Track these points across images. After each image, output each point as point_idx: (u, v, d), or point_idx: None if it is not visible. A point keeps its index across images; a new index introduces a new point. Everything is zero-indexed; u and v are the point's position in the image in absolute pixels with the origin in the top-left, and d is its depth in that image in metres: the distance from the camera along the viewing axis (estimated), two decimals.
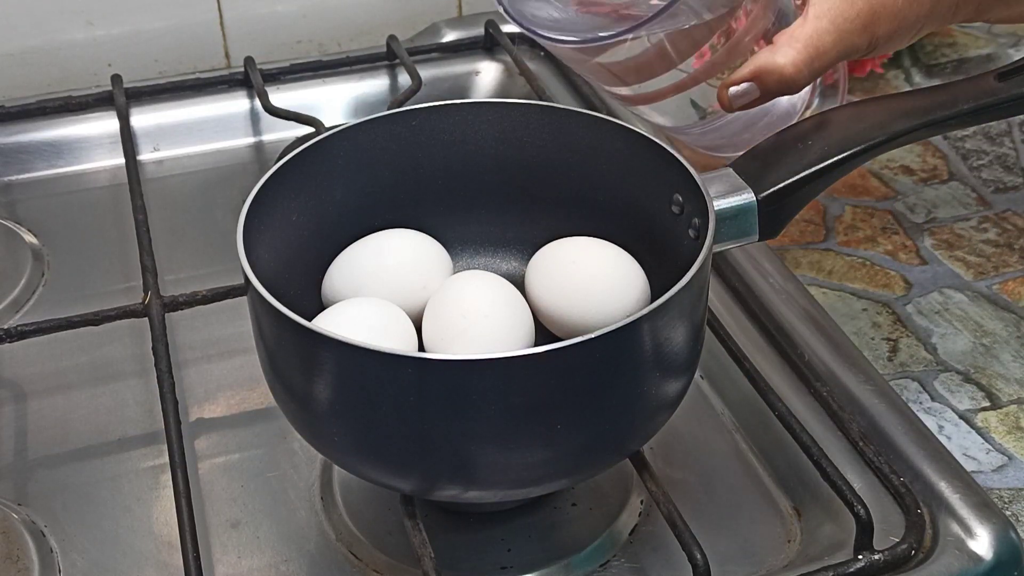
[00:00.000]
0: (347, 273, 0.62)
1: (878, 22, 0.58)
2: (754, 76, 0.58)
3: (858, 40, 0.58)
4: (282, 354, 0.54)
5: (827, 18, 0.57)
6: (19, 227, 0.83)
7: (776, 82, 0.58)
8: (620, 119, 0.63)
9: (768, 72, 0.57)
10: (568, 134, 0.63)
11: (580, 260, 0.61)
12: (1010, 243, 0.81)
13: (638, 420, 0.55)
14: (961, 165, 0.89)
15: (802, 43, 0.57)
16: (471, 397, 0.50)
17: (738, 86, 0.58)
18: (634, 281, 0.60)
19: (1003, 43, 1.03)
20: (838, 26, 0.57)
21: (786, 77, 0.57)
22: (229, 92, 0.92)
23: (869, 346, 0.73)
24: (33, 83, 0.94)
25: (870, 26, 0.58)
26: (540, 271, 0.61)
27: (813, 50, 0.57)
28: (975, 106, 0.62)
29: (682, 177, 0.58)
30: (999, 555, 0.55)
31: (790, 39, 0.57)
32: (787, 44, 0.57)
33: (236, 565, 0.60)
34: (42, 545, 0.60)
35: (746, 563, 0.59)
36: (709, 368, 0.68)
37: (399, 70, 0.94)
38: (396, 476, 0.54)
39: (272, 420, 0.66)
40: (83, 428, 0.67)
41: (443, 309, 0.59)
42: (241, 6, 0.97)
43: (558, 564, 0.59)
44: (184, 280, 0.76)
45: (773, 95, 0.59)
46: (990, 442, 0.67)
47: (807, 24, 0.57)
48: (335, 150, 0.62)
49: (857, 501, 0.56)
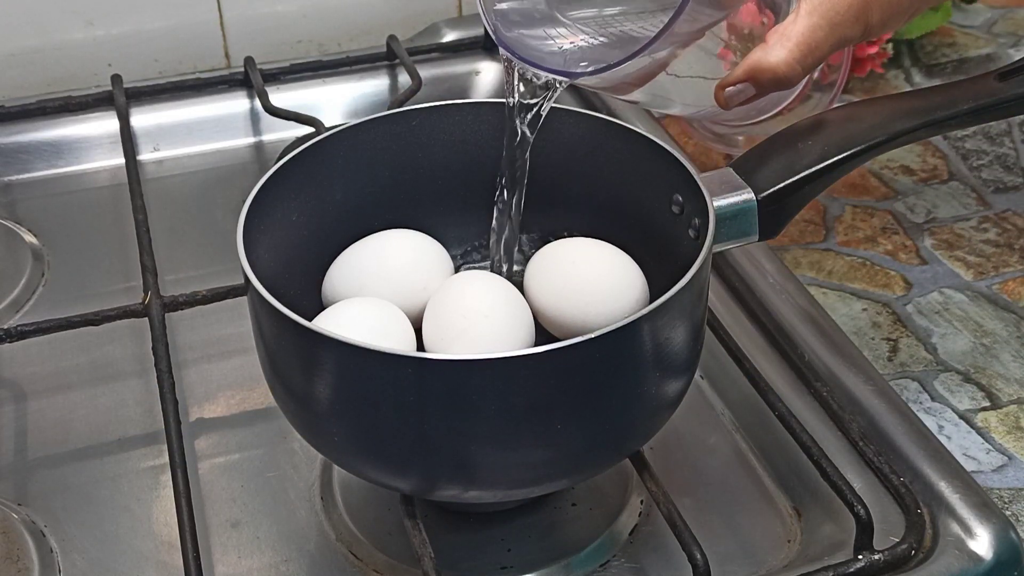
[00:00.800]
0: (347, 273, 0.62)
1: (870, 11, 0.58)
2: (748, 77, 0.58)
3: (851, 31, 0.58)
4: (282, 354, 0.54)
5: (818, 13, 0.57)
6: (19, 227, 0.83)
7: (770, 81, 0.58)
8: (620, 119, 0.63)
9: (761, 72, 0.57)
10: (568, 134, 0.63)
11: (578, 261, 0.61)
12: (1010, 243, 0.81)
13: (638, 420, 0.55)
14: (961, 165, 0.89)
15: (794, 41, 0.57)
16: (471, 397, 0.50)
17: (733, 86, 0.58)
18: (633, 282, 0.60)
19: (1003, 43, 1.03)
20: (830, 20, 0.57)
21: (779, 76, 0.57)
22: (229, 92, 0.92)
23: (869, 346, 0.73)
24: (33, 83, 0.94)
25: (863, 16, 0.57)
26: (539, 272, 0.61)
27: (805, 47, 0.57)
28: (975, 106, 0.62)
29: (682, 177, 0.58)
30: (999, 555, 0.55)
31: (782, 37, 0.57)
32: (779, 43, 0.57)
33: (236, 565, 0.60)
34: (42, 545, 0.60)
35: (746, 563, 0.59)
36: (709, 368, 0.68)
37: (399, 70, 0.94)
38: (396, 476, 0.54)
39: (272, 420, 0.66)
40: (83, 428, 0.67)
41: (443, 309, 0.59)
42: (241, 6, 0.97)
43: (558, 564, 0.59)
44: (184, 280, 0.76)
45: (769, 92, 0.59)
46: (990, 442, 0.67)
47: (799, 21, 0.57)
48: (335, 150, 0.62)
49: (857, 501, 0.56)
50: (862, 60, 0.96)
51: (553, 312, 0.60)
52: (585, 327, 0.55)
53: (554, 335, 0.61)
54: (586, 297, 0.59)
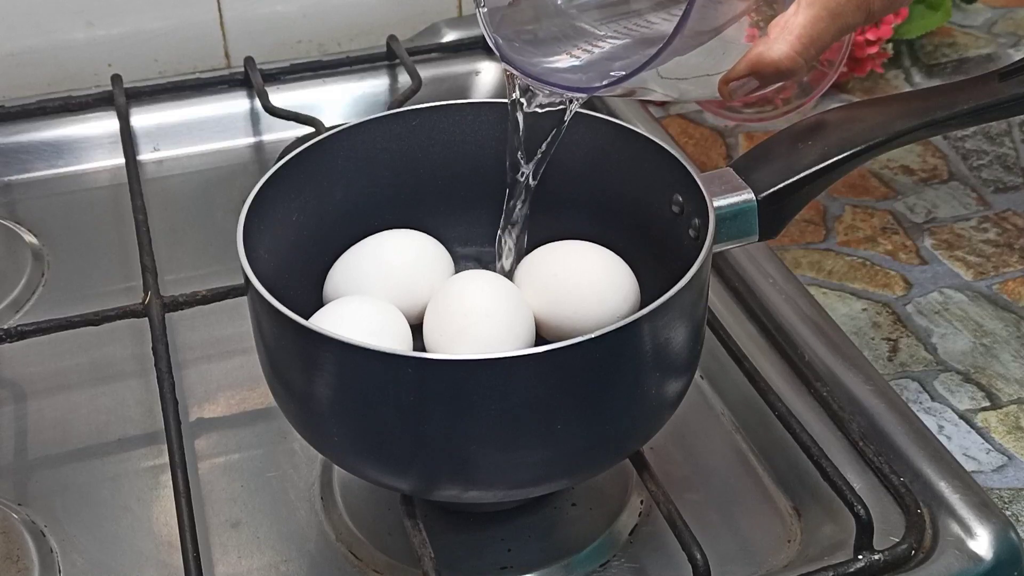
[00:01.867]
0: (348, 273, 0.62)
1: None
2: (752, 71, 0.58)
3: (853, 19, 0.57)
4: (282, 354, 0.54)
5: (820, 3, 0.56)
6: (19, 227, 0.83)
7: (773, 75, 0.57)
8: (620, 119, 0.63)
9: (764, 66, 0.57)
10: (568, 134, 0.63)
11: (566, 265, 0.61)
12: (1010, 243, 0.81)
13: (638, 420, 0.55)
14: (961, 165, 0.89)
15: (795, 34, 0.56)
16: (471, 397, 0.50)
17: (737, 80, 0.58)
18: (622, 284, 0.60)
19: (1003, 43, 1.03)
20: (831, 10, 0.56)
21: (782, 70, 0.57)
22: (229, 92, 0.92)
23: (869, 346, 0.73)
24: (33, 83, 0.94)
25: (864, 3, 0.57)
26: (527, 277, 0.62)
27: (807, 39, 0.57)
28: (975, 106, 0.62)
29: (682, 177, 0.58)
30: (999, 555, 0.55)
31: (784, 31, 0.56)
32: (781, 37, 0.57)
33: (236, 565, 0.60)
34: (42, 545, 0.60)
35: (746, 563, 0.59)
36: (709, 368, 0.68)
37: (399, 70, 0.94)
38: (396, 476, 0.54)
39: (272, 420, 0.66)
40: (83, 428, 0.67)
41: (445, 308, 0.59)
42: (241, 6, 0.97)
43: (558, 564, 0.59)
44: (184, 280, 0.76)
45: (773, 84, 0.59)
46: (990, 442, 0.67)
47: (800, 12, 0.56)
48: (335, 150, 0.62)
49: (857, 501, 0.56)
50: (862, 60, 0.96)
51: (542, 316, 0.60)
52: (574, 331, 0.55)
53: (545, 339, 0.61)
54: (574, 301, 0.59)
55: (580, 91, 0.56)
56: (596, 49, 0.59)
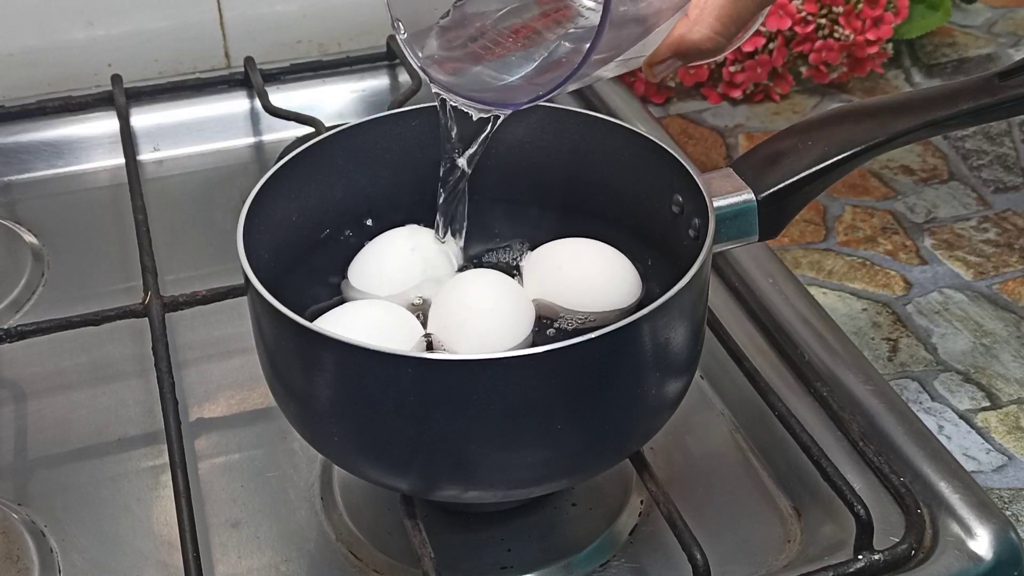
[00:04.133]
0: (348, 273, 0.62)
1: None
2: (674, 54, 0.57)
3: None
4: (282, 354, 0.54)
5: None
6: (19, 227, 0.83)
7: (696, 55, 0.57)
8: (620, 119, 0.63)
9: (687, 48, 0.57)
10: (568, 134, 0.63)
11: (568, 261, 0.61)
12: (1010, 243, 0.81)
13: (638, 420, 0.55)
14: (961, 165, 0.89)
15: (714, 15, 0.56)
16: (471, 397, 0.50)
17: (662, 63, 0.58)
18: (625, 277, 0.60)
19: (1003, 43, 1.03)
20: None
21: (705, 51, 0.57)
22: (229, 92, 0.92)
23: (869, 346, 0.73)
24: (33, 83, 0.94)
25: None
26: (531, 274, 0.62)
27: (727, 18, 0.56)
28: (975, 106, 0.62)
29: (682, 177, 0.58)
30: (999, 555, 0.55)
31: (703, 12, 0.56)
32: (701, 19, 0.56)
33: (236, 565, 0.60)
34: (42, 545, 0.60)
35: (746, 563, 0.59)
36: (709, 368, 0.68)
37: (399, 70, 0.94)
38: (396, 476, 0.54)
39: (272, 420, 0.66)
40: (83, 428, 0.67)
41: (448, 303, 0.59)
42: (241, 6, 0.97)
43: (558, 564, 0.59)
44: (184, 280, 0.76)
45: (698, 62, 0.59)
46: (990, 442, 0.67)
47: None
48: (335, 150, 0.62)
49: (857, 501, 0.56)
50: (862, 60, 0.96)
51: (547, 311, 0.60)
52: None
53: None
54: (577, 295, 0.60)
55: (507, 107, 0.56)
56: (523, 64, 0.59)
